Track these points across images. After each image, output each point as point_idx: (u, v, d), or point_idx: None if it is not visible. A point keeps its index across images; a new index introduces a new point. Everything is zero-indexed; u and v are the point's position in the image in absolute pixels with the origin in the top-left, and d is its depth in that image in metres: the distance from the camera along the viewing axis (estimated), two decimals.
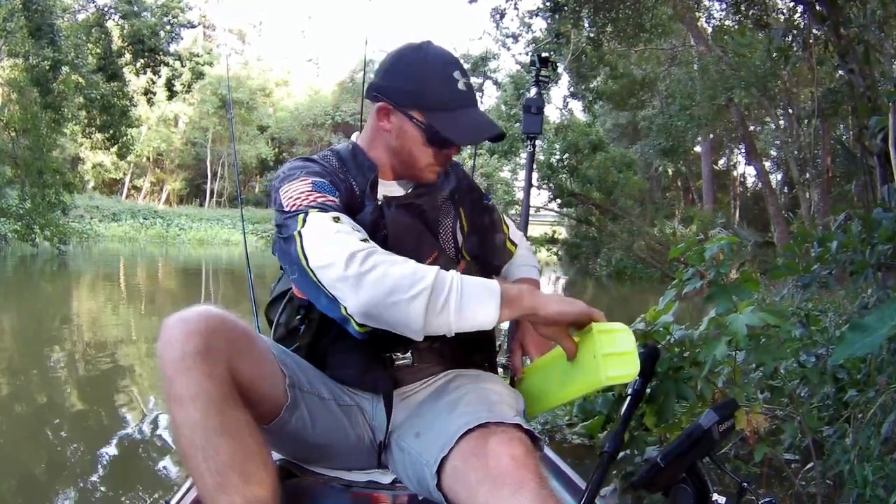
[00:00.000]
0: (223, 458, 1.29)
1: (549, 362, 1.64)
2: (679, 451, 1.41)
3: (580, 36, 15.36)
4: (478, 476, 1.31)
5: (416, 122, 1.64)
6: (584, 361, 1.42)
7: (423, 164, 1.70)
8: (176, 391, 1.31)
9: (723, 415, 1.45)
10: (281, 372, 1.52)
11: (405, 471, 1.58)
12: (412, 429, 1.59)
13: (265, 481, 1.32)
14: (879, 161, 5.75)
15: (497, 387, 1.66)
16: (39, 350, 7.50)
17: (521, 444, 1.35)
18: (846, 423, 3.01)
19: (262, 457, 1.36)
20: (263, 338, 1.56)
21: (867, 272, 3.10)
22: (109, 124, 21.63)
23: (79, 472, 3.91)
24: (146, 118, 40.59)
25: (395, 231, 1.66)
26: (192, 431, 1.30)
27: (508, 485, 1.26)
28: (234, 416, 1.33)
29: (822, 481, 2.77)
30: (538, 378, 1.70)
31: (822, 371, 3.20)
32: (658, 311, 2.43)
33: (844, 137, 13.68)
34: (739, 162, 32.32)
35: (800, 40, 10.05)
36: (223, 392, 1.33)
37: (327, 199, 1.56)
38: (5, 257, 19.45)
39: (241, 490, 1.28)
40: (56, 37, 18.02)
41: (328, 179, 1.63)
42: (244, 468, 1.30)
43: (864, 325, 2.01)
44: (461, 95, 1.66)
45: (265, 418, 1.49)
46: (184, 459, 1.34)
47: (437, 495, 1.42)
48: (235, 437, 1.31)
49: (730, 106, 15.13)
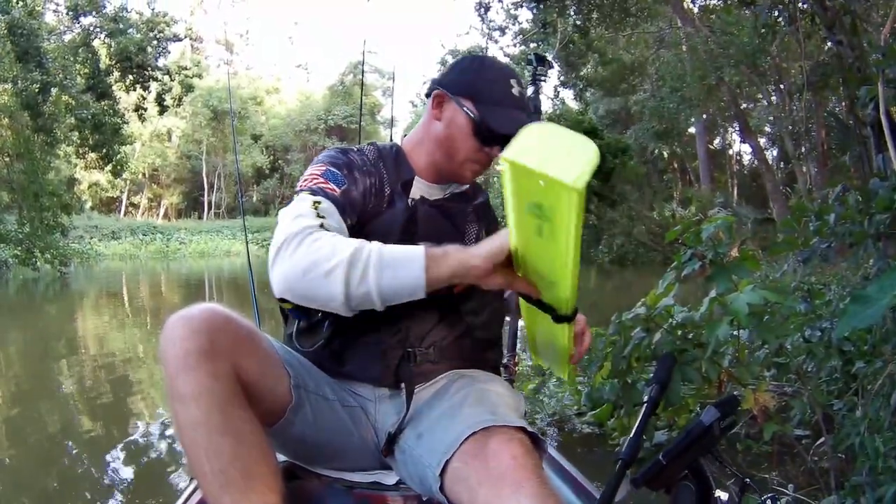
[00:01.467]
0: (226, 457, 1.27)
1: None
2: (681, 449, 1.40)
3: (566, 24, 15.33)
4: (478, 477, 1.30)
5: (468, 109, 1.67)
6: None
7: (465, 156, 1.71)
8: (179, 389, 1.29)
9: (724, 411, 1.43)
10: (286, 372, 1.50)
11: (407, 471, 1.57)
12: (414, 430, 1.58)
13: (269, 481, 1.31)
14: (873, 131, 5.72)
15: (499, 388, 1.66)
16: (46, 369, 7.51)
17: (521, 444, 1.34)
18: (855, 396, 3.00)
19: (266, 457, 1.34)
20: (269, 338, 1.54)
21: (867, 243, 3.09)
22: (102, 143, 21.60)
23: (87, 489, 3.91)
24: (139, 134, 40.67)
25: (426, 230, 1.67)
26: (194, 430, 1.28)
27: (509, 485, 1.25)
28: (237, 415, 1.32)
29: (833, 455, 2.75)
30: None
31: (827, 345, 3.19)
32: (658, 294, 2.42)
33: (837, 109, 13.66)
34: (734, 141, 32.32)
35: (786, 15, 10.02)
36: (227, 391, 1.31)
37: (328, 185, 1.58)
38: (7, 282, 19.45)
39: (243, 490, 1.26)
40: (43, 59, 18.04)
41: (345, 171, 1.65)
42: (247, 468, 1.28)
43: (866, 296, 1.99)
44: (514, 98, 1.71)
45: (269, 418, 1.47)
46: (187, 459, 1.32)
47: (440, 497, 1.41)
48: (239, 437, 1.30)
49: (721, 85, 15.10)
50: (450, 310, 1.68)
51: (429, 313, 1.66)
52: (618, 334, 2.46)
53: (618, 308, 2.68)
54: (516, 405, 1.61)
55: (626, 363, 2.40)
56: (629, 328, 2.44)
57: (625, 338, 2.43)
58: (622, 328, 2.45)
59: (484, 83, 1.70)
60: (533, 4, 13.37)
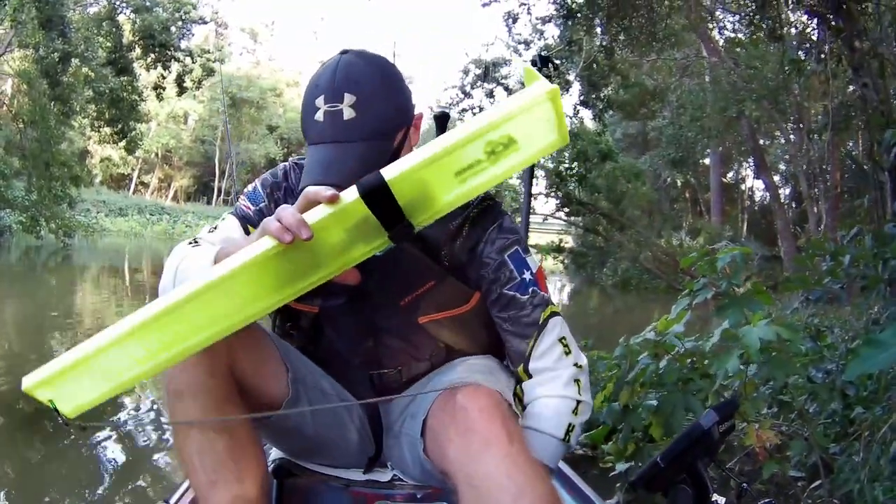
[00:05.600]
0: (219, 455, 1.29)
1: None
2: (678, 452, 1.40)
3: (592, 44, 15.33)
4: (448, 433, 1.28)
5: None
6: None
7: None
8: (176, 385, 1.30)
9: (723, 415, 1.43)
10: (284, 366, 1.49)
11: (402, 456, 1.58)
12: (407, 412, 1.58)
13: (257, 481, 1.32)
14: (891, 176, 5.70)
15: (485, 361, 1.62)
16: (41, 338, 7.49)
17: (488, 396, 1.28)
18: (855, 441, 2.96)
19: (257, 456, 1.36)
20: (268, 331, 1.55)
21: (879, 287, 3.07)
22: (118, 118, 21.60)
23: (77, 468, 3.88)
24: (155, 114, 40.79)
25: (385, 256, 1.38)
26: (190, 428, 1.30)
27: (478, 441, 1.21)
28: (233, 413, 1.33)
29: (828, 500, 2.72)
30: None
31: (831, 387, 3.16)
32: (670, 320, 2.39)
33: (854, 153, 13.62)
34: (748, 175, 32.28)
35: (814, 53, 10.00)
36: (223, 389, 1.33)
37: (245, 203, 1.61)
38: (9, 248, 19.48)
39: (232, 488, 1.28)
40: (66, 29, 18.04)
41: (268, 190, 1.64)
42: (238, 466, 1.30)
43: (879, 341, 1.96)
44: (318, 127, 1.42)
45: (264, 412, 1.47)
46: (179, 454, 1.34)
47: (429, 465, 1.40)
48: (232, 436, 1.32)
49: (740, 118, 15.08)
50: (419, 336, 1.62)
51: (393, 338, 1.63)
52: (624, 358, 2.43)
53: (617, 332, 2.65)
54: (495, 375, 1.54)
55: (631, 388, 2.37)
56: (636, 352, 2.41)
57: (631, 362, 2.40)
58: (629, 352, 2.42)
59: (302, 109, 1.46)
60: (561, 21, 13.36)
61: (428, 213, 1.15)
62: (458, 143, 1.07)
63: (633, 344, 2.43)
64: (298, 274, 1.15)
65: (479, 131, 1.06)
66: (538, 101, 1.06)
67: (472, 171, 1.10)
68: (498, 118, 1.06)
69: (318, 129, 1.40)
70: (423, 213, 1.15)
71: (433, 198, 1.13)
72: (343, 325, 1.63)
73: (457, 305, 1.58)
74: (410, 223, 1.13)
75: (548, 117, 1.07)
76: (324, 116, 1.39)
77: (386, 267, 1.51)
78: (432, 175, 1.11)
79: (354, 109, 1.38)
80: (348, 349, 1.65)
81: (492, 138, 1.07)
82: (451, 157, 1.09)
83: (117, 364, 1.12)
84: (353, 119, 1.38)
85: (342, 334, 1.64)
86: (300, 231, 1.06)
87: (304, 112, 1.45)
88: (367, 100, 1.39)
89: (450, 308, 1.58)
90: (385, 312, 1.60)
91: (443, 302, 1.58)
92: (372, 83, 1.41)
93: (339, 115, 1.38)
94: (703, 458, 1.43)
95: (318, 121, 1.40)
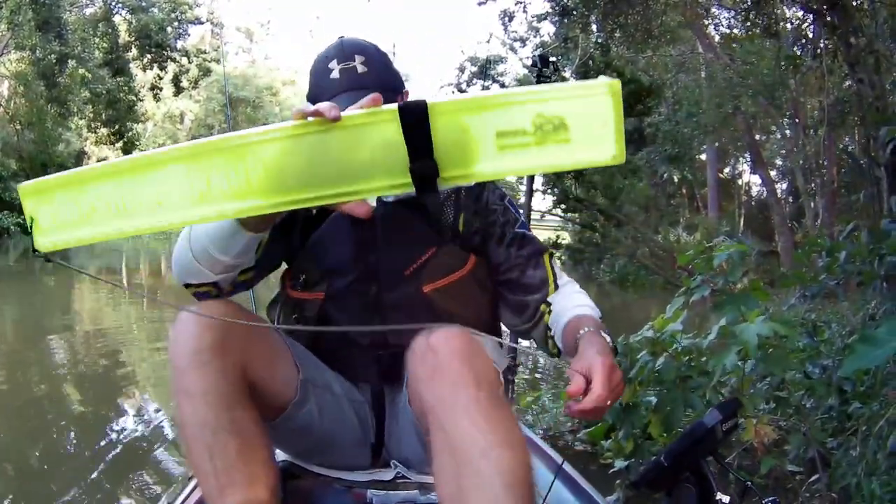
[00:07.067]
0: (230, 457, 1.27)
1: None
2: (682, 450, 1.38)
3: (588, 41, 15.32)
4: (419, 375, 1.26)
5: None
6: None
7: None
8: (187, 385, 1.29)
9: (726, 413, 1.41)
10: (295, 367, 1.51)
11: (403, 440, 1.61)
12: (405, 398, 1.56)
13: (267, 484, 1.30)
14: (887, 172, 5.72)
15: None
16: (40, 340, 7.49)
17: (460, 338, 1.25)
18: (851, 436, 2.98)
19: (267, 459, 1.35)
20: (281, 334, 1.56)
21: (875, 283, 3.09)
22: (115, 119, 21.64)
23: (78, 467, 3.89)
24: (152, 114, 40.65)
25: (385, 226, 1.64)
26: (200, 428, 1.28)
27: (449, 384, 1.19)
28: (243, 415, 1.32)
29: (827, 494, 2.74)
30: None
31: (828, 382, 3.18)
32: (666, 318, 2.41)
33: (850, 148, 13.64)
34: (745, 171, 32.25)
35: (810, 49, 10.01)
36: (235, 390, 1.31)
37: None
38: (7, 250, 19.45)
39: (243, 492, 1.26)
40: (63, 30, 18.06)
41: None
42: (249, 469, 1.28)
43: (875, 337, 1.98)
44: (333, 82, 1.59)
45: (272, 412, 1.47)
46: (188, 455, 1.32)
47: (422, 435, 1.39)
48: (243, 437, 1.30)
49: (736, 114, 15.07)
50: (424, 310, 1.63)
51: (399, 314, 1.63)
52: (623, 356, 2.45)
53: (616, 329, 2.67)
54: (490, 348, 1.54)
55: (632, 386, 2.39)
56: (636, 350, 2.43)
57: (630, 359, 2.42)
58: (629, 350, 2.44)
59: (311, 80, 1.64)
60: (557, 18, 13.35)
61: (457, 170, 1.07)
62: (509, 95, 1.03)
63: (632, 342, 2.45)
64: (318, 178, 1.08)
65: (533, 94, 1.02)
66: (597, 90, 0.99)
67: (514, 141, 1.02)
68: (553, 91, 1.03)
69: (335, 84, 1.56)
70: (452, 169, 1.06)
71: (468, 154, 1.05)
72: (349, 306, 1.65)
73: (458, 268, 1.66)
74: (437, 170, 1.05)
75: (605, 117, 1.00)
76: (339, 73, 1.57)
77: (389, 237, 1.62)
78: (473, 126, 1.04)
79: (365, 66, 1.58)
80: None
81: (543, 111, 1.00)
82: (497, 110, 1.03)
83: (107, 200, 1.10)
84: (366, 73, 1.57)
85: (349, 316, 1.64)
86: (329, 111, 1.03)
87: (316, 78, 1.61)
88: (375, 60, 1.60)
89: (451, 272, 1.65)
90: (390, 285, 1.63)
91: (445, 267, 1.64)
92: (375, 50, 1.64)
93: (353, 70, 1.57)
94: (707, 456, 1.43)
95: (334, 78, 1.57)
